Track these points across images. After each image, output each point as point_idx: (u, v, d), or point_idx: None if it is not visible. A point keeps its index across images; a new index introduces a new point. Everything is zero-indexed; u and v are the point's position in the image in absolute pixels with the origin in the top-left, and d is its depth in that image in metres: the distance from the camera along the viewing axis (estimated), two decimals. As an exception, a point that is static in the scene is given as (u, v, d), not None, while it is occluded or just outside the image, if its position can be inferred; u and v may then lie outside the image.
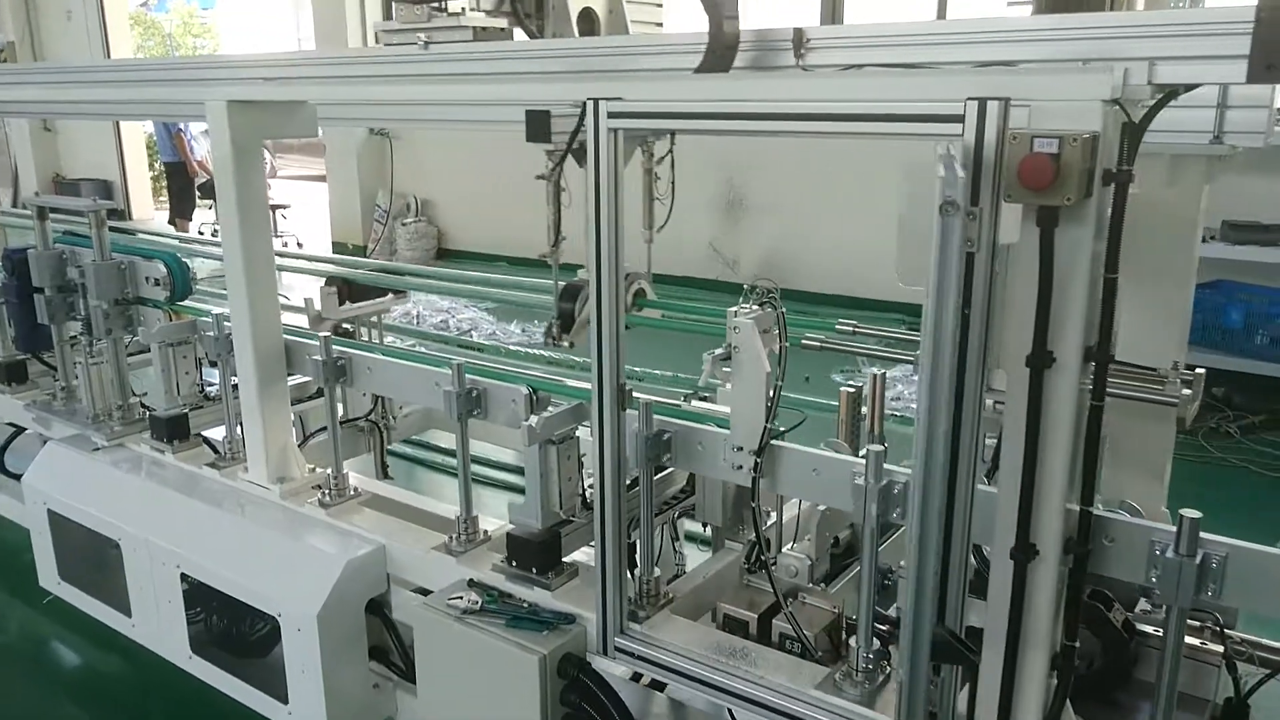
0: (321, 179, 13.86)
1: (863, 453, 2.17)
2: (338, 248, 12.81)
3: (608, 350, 2.25)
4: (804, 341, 2.79)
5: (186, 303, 3.65)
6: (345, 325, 4.20)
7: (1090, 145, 1.56)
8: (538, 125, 2.17)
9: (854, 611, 2.57)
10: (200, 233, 13.43)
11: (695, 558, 3.09)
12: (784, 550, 2.56)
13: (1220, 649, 2.16)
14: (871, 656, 2.18)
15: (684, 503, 2.92)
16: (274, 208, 13.86)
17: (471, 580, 2.72)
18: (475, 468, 5.91)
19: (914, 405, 1.75)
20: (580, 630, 2.52)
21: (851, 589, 2.65)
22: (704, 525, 2.97)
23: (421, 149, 12.20)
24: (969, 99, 1.65)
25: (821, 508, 2.53)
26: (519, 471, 5.19)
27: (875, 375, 2.67)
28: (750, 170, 9.89)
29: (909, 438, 1.79)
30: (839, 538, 2.69)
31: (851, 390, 2.63)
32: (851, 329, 2.86)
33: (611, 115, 2.09)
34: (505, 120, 2.35)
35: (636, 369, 3.03)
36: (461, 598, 2.63)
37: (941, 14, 9.57)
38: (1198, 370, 2.28)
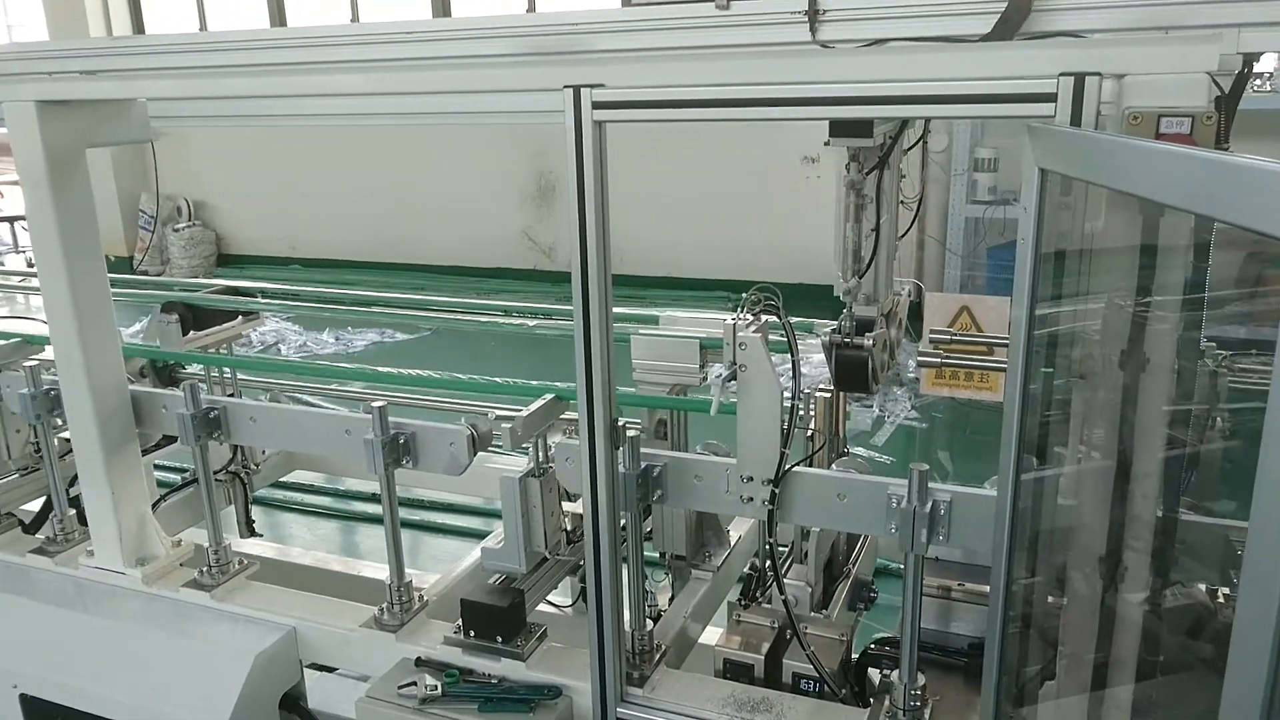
0: (66, 184, 12.23)
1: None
2: (96, 261, 11.35)
3: (599, 377, 1.91)
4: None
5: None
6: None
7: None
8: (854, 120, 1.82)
9: (862, 638, 2.40)
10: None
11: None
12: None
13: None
14: (918, 692, 1.99)
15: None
16: (9, 220, 12.16)
17: (420, 659, 2.30)
18: (361, 505, 5.41)
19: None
20: (567, 702, 2.18)
21: (846, 610, 2.47)
22: (662, 555, 2.68)
23: (189, 145, 10.98)
24: (1062, 75, 1.45)
25: (817, 529, 2.32)
26: (436, 508, 4.75)
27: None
28: (560, 154, 9.57)
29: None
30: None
31: (828, 394, 2.43)
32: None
33: (597, 105, 1.76)
34: (450, 111, 1.94)
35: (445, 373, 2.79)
36: (414, 683, 2.21)
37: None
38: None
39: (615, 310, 1.98)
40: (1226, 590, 1.90)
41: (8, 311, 5.31)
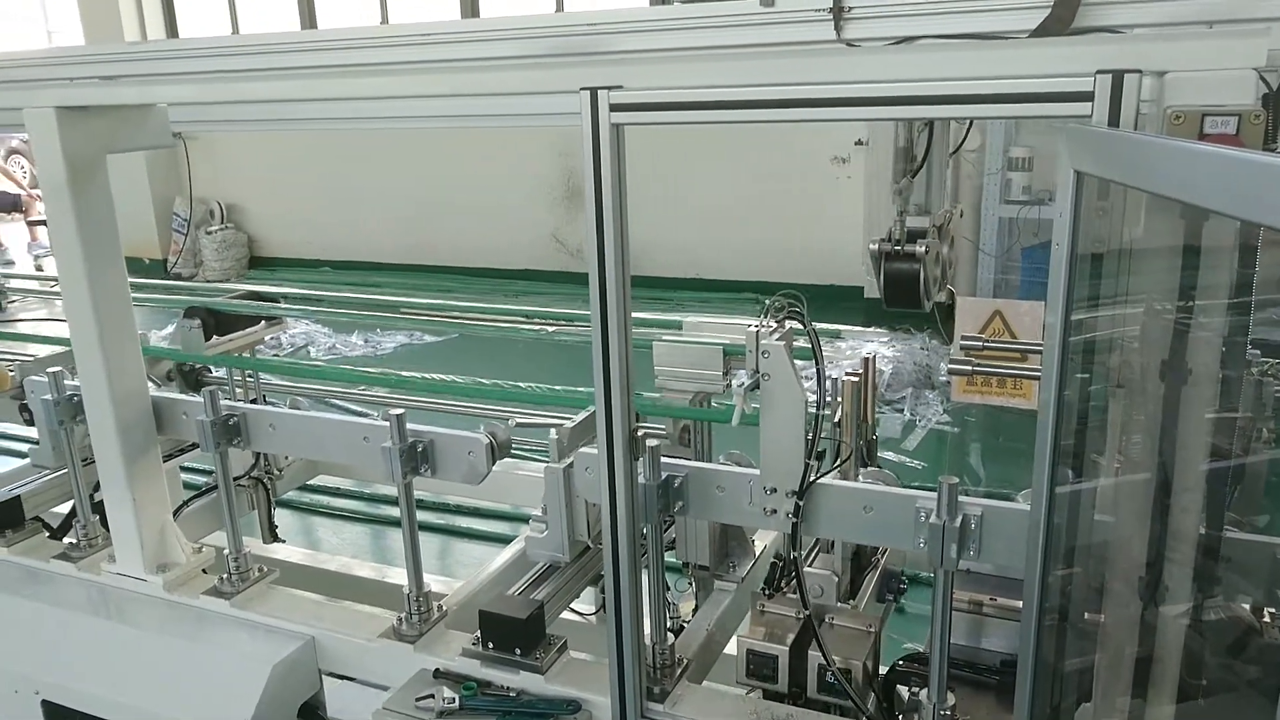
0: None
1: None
2: (131, 264, 11.49)
3: (618, 385, 1.87)
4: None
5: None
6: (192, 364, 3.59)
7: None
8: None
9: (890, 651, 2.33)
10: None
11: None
12: (807, 568, 2.25)
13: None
14: (948, 712, 1.92)
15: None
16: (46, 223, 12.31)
17: (438, 671, 2.27)
18: (389, 509, 5.41)
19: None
20: (586, 717, 2.14)
21: (874, 601, 2.39)
22: (685, 565, 2.63)
23: (222, 149, 11.10)
24: (1100, 72, 1.39)
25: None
26: (463, 512, 4.76)
27: (867, 360, 2.39)
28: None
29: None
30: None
31: (855, 380, 2.33)
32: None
33: (614, 107, 1.71)
34: (470, 114, 1.90)
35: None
36: (432, 695, 2.18)
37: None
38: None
39: (637, 315, 1.94)
40: (1273, 609, 1.82)
41: (46, 314, 5.36)
